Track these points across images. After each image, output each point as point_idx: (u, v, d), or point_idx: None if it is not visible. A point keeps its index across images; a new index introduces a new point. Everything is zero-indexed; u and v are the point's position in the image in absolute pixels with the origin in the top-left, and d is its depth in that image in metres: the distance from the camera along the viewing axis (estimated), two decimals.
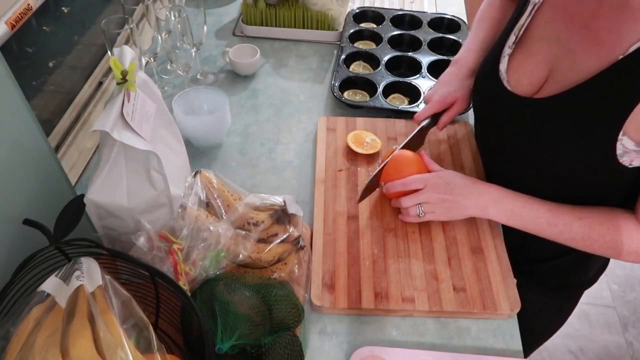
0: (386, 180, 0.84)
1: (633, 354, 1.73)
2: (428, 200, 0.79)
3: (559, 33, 0.69)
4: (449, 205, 0.79)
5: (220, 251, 0.69)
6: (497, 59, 0.77)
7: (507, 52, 0.76)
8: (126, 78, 0.63)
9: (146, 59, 1.05)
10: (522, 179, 0.79)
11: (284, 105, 1.11)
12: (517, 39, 0.75)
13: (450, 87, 0.91)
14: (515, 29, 0.75)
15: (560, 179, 0.74)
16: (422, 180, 0.80)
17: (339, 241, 0.82)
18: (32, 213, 0.61)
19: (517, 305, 0.74)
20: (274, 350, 0.62)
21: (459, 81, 0.91)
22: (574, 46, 0.67)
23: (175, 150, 0.78)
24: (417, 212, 0.80)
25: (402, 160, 0.84)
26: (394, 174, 0.82)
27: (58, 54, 0.95)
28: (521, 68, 0.74)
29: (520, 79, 0.74)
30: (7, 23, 0.72)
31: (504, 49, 0.76)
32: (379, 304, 0.74)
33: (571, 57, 0.67)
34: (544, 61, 0.71)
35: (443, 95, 0.91)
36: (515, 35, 0.75)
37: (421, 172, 0.82)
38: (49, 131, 0.90)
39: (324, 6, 1.25)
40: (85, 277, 0.53)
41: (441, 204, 0.79)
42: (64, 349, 0.47)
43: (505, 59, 0.76)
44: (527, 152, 0.75)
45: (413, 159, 0.84)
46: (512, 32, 0.75)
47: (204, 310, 0.63)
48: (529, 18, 0.73)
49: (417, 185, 0.80)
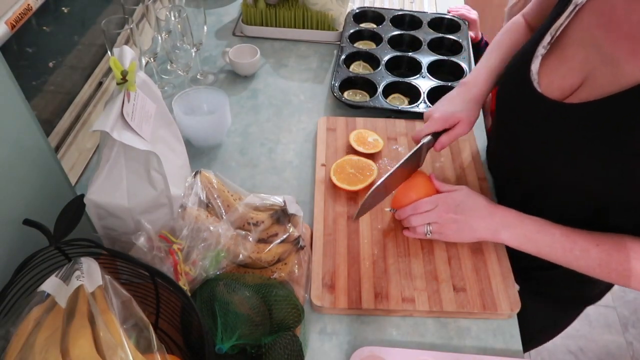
0: (396, 205, 0.81)
1: (633, 354, 1.73)
2: (437, 220, 0.76)
3: (600, 41, 0.65)
4: (458, 227, 0.76)
5: (220, 251, 0.69)
6: (529, 58, 0.73)
7: (541, 52, 0.72)
8: (126, 78, 0.63)
9: (146, 59, 1.05)
10: (536, 195, 0.75)
11: (284, 105, 1.11)
12: (553, 39, 0.71)
13: (455, 107, 0.85)
14: (552, 29, 0.71)
15: (577, 194, 0.70)
16: (433, 202, 0.77)
17: (339, 241, 0.82)
18: (32, 213, 0.61)
19: (517, 305, 0.74)
20: (274, 350, 0.61)
21: (465, 102, 0.85)
22: (618, 56, 0.63)
23: (175, 150, 0.78)
24: (425, 231, 0.77)
25: (410, 184, 0.81)
26: (404, 199, 0.80)
27: (58, 54, 0.95)
28: (554, 71, 0.70)
29: (551, 82, 0.70)
30: (7, 23, 0.72)
31: (537, 48, 0.72)
32: (379, 304, 0.74)
33: (612, 67, 0.63)
34: (580, 67, 0.67)
35: (447, 113, 0.84)
36: (552, 36, 0.71)
37: (430, 194, 0.79)
38: (49, 131, 0.90)
39: (324, 6, 1.25)
40: (85, 277, 0.53)
41: (450, 224, 0.76)
42: (64, 349, 0.47)
43: (538, 60, 0.72)
44: (547, 160, 0.71)
45: (422, 182, 0.81)
46: (548, 32, 0.71)
47: (204, 310, 0.63)
48: (568, 19, 0.70)
49: (427, 208, 0.77)
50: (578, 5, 0.69)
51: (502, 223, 0.74)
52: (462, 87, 0.88)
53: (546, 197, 0.75)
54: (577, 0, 0.69)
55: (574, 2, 0.69)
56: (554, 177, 0.72)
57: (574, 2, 0.69)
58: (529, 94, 0.72)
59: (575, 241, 0.69)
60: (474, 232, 0.76)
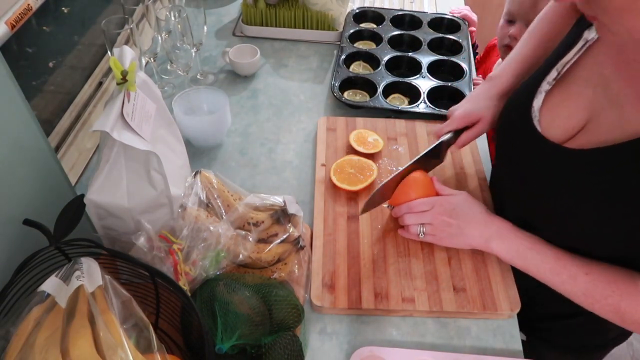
0: (394, 202, 0.81)
1: (633, 354, 1.73)
2: (432, 222, 0.76)
3: (609, 81, 0.62)
4: (452, 231, 0.75)
5: (220, 251, 0.69)
6: (532, 93, 0.70)
7: (545, 87, 0.69)
8: (126, 78, 0.63)
9: (146, 59, 1.05)
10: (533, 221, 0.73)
11: (284, 105, 1.11)
12: (560, 75, 0.68)
13: (477, 105, 0.84)
14: (558, 64, 0.68)
15: (581, 231, 0.67)
16: (429, 203, 0.77)
17: (339, 241, 0.82)
18: (32, 213, 0.61)
19: (517, 305, 0.74)
20: (274, 350, 0.61)
21: (488, 100, 0.83)
22: (624, 100, 0.60)
23: (175, 150, 0.78)
24: (418, 231, 0.77)
25: (411, 183, 0.80)
26: (402, 197, 0.80)
27: (58, 54, 0.95)
28: (557, 109, 0.67)
29: (553, 120, 0.67)
30: (7, 23, 0.72)
31: (541, 84, 0.69)
32: (379, 304, 0.74)
33: (617, 111, 0.60)
34: (585, 107, 0.64)
35: (467, 111, 0.84)
36: (558, 72, 0.68)
37: (429, 195, 0.79)
38: (49, 131, 0.90)
39: (324, 6, 1.25)
40: (85, 277, 0.53)
41: (445, 228, 0.75)
42: (64, 349, 0.47)
43: (542, 96, 0.69)
44: (549, 199, 0.69)
45: (422, 182, 0.80)
46: (554, 67, 0.68)
47: (204, 310, 0.63)
48: (578, 55, 0.66)
49: (423, 208, 0.77)
50: (589, 41, 0.65)
51: (495, 233, 0.73)
52: (488, 83, 0.86)
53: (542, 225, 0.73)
54: (588, 36, 0.65)
55: (584, 38, 0.66)
56: (558, 220, 0.69)
57: (584, 38, 0.66)
58: (530, 133, 0.69)
59: (564, 266, 0.67)
60: (466, 238, 0.75)
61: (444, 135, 0.85)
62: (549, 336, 0.87)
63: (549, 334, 0.87)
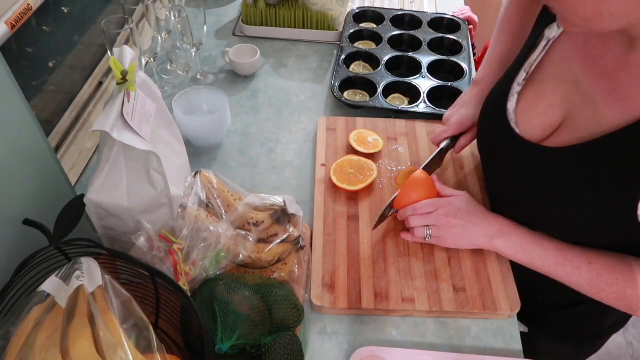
0: (398, 205, 0.81)
1: (633, 354, 1.73)
2: (437, 224, 0.76)
3: (579, 77, 0.63)
4: (457, 232, 0.76)
5: (220, 251, 0.69)
6: (505, 96, 0.71)
7: (517, 89, 0.70)
8: (126, 78, 0.63)
9: (146, 59, 1.05)
10: (531, 225, 0.74)
11: (284, 105, 1.11)
12: (528, 75, 0.69)
13: (469, 111, 0.87)
14: (526, 65, 0.69)
15: (573, 228, 0.68)
16: (434, 204, 0.78)
17: (339, 241, 0.82)
18: (32, 213, 0.61)
19: (517, 305, 0.74)
20: (274, 350, 0.61)
21: (479, 104, 0.84)
22: (596, 97, 0.61)
23: (175, 150, 0.78)
24: (424, 234, 0.77)
25: (413, 185, 0.81)
26: (405, 199, 0.80)
27: (58, 54, 0.95)
28: (532, 109, 0.68)
29: (530, 120, 0.68)
30: (7, 23, 0.72)
31: (512, 85, 0.70)
32: (379, 304, 0.74)
33: (592, 107, 0.61)
34: (560, 104, 0.65)
35: (462, 117, 0.87)
36: (526, 72, 0.69)
37: (432, 196, 0.80)
38: (49, 131, 0.90)
39: (324, 6, 1.25)
40: (85, 277, 0.53)
41: (450, 229, 0.76)
42: (64, 349, 0.47)
43: (514, 97, 0.70)
44: (536, 199, 0.70)
45: (424, 183, 0.81)
46: (522, 68, 0.70)
47: (204, 310, 0.63)
48: (542, 54, 0.68)
49: (428, 210, 0.77)
50: (551, 39, 0.67)
51: (498, 231, 0.74)
52: (475, 88, 0.89)
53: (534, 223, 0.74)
54: (550, 35, 0.67)
55: (546, 37, 0.67)
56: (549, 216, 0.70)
57: (546, 37, 0.67)
58: (508, 135, 0.70)
59: (567, 257, 0.69)
60: (471, 238, 0.76)
61: (443, 142, 0.89)
62: (550, 326, 0.88)
63: (549, 324, 0.88)
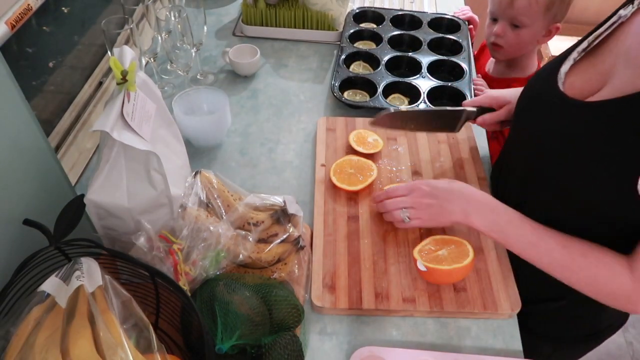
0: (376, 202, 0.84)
1: (633, 354, 1.73)
2: (413, 205, 0.78)
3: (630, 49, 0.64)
4: (435, 211, 0.77)
5: (220, 251, 0.69)
6: (562, 59, 0.73)
7: (574, 56, 0.72)
8: (126, 78, 0.63)
9: (146, 59, 1.05)
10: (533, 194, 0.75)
11: (284, 105, 1.11)
12: (590, 47, 0.71)
13: (509, 92, 0.90)
14: (591, 37, 0.71)
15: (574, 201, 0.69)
16: (406, 188, 0.80)
17: (339, 241, 0.82)
18: (32, 213, 0.61)
19: (517, 305, 0.74)
20: (274, 350, 0.61)
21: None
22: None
23: (175, 150, 0.78)
24: (402, 217, 0.78)
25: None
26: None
27: (58, 54, 0.95)
28: (581, 75, 0.70)
29: (573, 82, 0.71)
30: (7, 23, 0.72)
31: (572, 52, 0.72)
32: (380, 304, 0.74)
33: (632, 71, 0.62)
34: (605, 72, 0.67)
35: (500, 94, 0.91)
36: (589, 43, 0.71)
37: None
38: (49, 131, 0.90)
39: (324, 6, 1.25)
40: (85, 277, 0.53)
41: (426, 209, 0.77)
42: (64, 349, 0.47)
43: (570, 63, 0.72)
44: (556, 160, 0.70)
45: None
46: (586, 39, 0.71)
47: (204, 310, 0.63)
48: (609, 30, 0.69)
49: (401, 193, 0.80)
50: (622, 18, 0.67)
51: (475, 207, 0.75)
52: None
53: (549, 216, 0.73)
54: (622, 13, 0.67)
55: (618, 14, 0.68)
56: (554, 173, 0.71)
57: (618, 14, 0.68)
58: (550, 92, 0.72)
59: (542, 238, 0.70)
60: (449, 215, 0.76)
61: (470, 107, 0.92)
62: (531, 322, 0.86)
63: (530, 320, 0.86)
